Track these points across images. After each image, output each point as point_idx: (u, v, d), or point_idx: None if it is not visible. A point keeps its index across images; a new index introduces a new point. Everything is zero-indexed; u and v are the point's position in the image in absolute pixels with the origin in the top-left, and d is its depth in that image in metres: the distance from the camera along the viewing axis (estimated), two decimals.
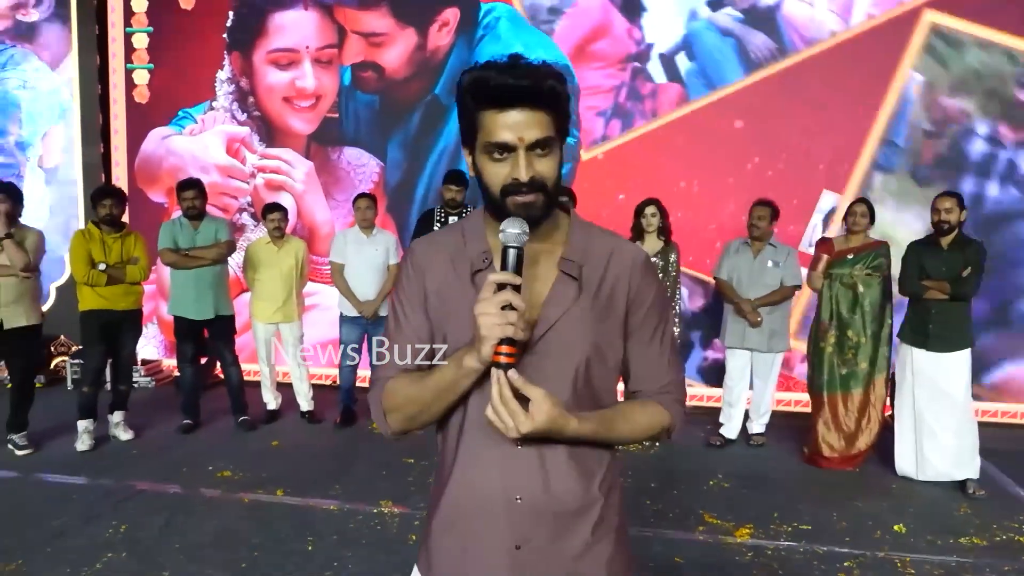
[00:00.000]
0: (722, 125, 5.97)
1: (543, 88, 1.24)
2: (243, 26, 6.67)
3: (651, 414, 1.41)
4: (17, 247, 4.74)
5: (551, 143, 1.28)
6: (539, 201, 1.29)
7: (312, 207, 6.71)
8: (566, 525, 1.35)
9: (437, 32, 6.35)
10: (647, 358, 1.42)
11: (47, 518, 3.94)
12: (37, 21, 6.86)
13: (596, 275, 1.38)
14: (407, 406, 1.37)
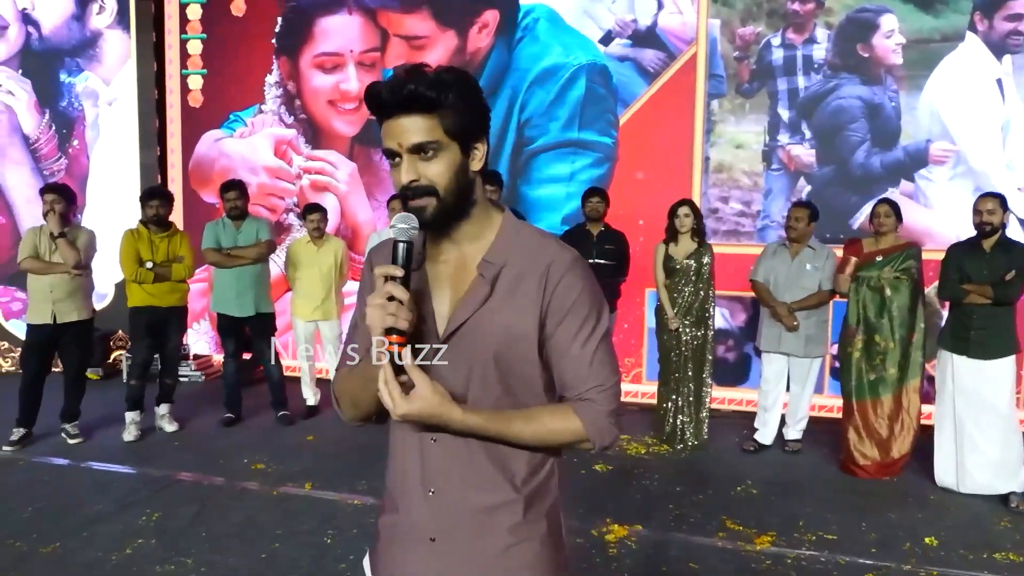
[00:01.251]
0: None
1: (403, 94, 1.27)
2: (290, 31, 6.85)
3: (559, 419, 1.37)
4: (70, 245, 4.97)
5: (436, 146, 1.30)
6: (429, 206, 1.32)
7: (355, 207, 6.84)
8: (481, 523, 1.37)
9: (477, 34, 6.41)
10: (567, 362, 1.38)
11: (87, 504, 4.14)
12: (101, 30, 7.17)
13: (514, 277, 1.37)
14: (347, 394, 1.43)
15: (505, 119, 6.38)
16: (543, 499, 1.42)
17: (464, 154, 1.35)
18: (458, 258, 1.40)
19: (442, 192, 1.32)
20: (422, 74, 1.29)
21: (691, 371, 5.24)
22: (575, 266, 1.39)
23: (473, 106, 1.34)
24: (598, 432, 1.38)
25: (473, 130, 1.35)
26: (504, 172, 6.40)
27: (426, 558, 1.38)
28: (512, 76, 6.35)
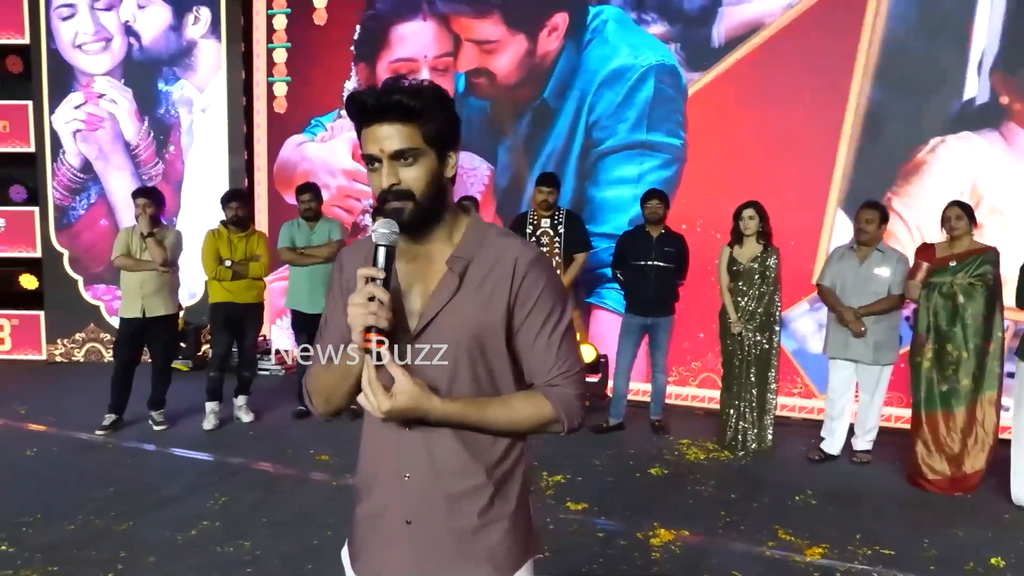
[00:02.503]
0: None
1: (390, 103, 1.36)
2: (368, 39, 7.09)
3: (533, 404, 1.46)
4: (158, 244, 5.31)
5: (416, 153, 1.39)
6: (406, 208, 1.41)
7: None
8: (452, 506, 1.45)
9: (547, 37, 6.46)
10: (534, 352, 1.47)
11: (162, 487, 4.43)
12: (196, 40, 7.60)
13: (481, 272, 1.46)
14: (321, 390, 1.53)
15: (573, 121, 6.42)
16: (511, 483, 1.51)
17: (440, 161, 1.44)
18: (427, 257, 1.49)
19: (419, 196, 1.41)
20: (403, 85, 1.38)
21: (754, 376, 5.14)
22: (539, 262, 1.48)
23: (448, 117, 1.44)
24: (568, 414, 1.47)
25: (448, 139, 1.45)
26: (571, 174, 6.44)
27: (402, 541, 1.48)
28: (581, 78, 6.37)
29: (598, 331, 6.44)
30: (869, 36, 5.57)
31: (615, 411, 5.65)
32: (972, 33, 5.32)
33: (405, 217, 1.42)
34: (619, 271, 5.63)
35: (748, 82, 5.89)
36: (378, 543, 1.51)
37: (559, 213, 5.67)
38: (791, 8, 5.72)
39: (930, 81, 5.46)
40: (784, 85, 5.80)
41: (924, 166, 5.51)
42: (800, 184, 5.82)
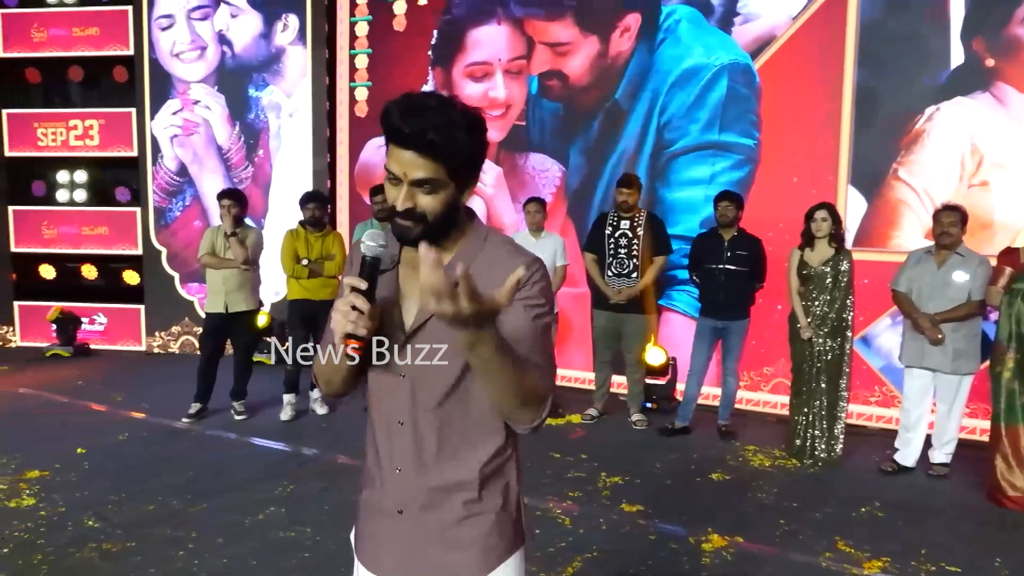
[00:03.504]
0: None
1: (425, 140, 1.39)
2: (445, 43, 7.26)
3: (539, 377, 1.45)
4: (240, 243, 5.61)
5: (436, 183, 1.43)
6: (416, 230, 1.46)
7: (500, 210, 7.13)
8: (440, 498, 1.53)
9: (619, 38, 6.46)
10: (514, 327, 1.47)
11: (237, 473, 4.68)
12: (284, 46, 7.96)
13: (477, 278, 1.49)
14: (321, 375, 1.62)
15: (645, 122, 6.39)
16: (499, 479, 1.56)
17: (459, 190, 1.48)
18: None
19: (431, 221, 1.46)
20: (437, 116, 1.39)
21: (825, 383, 5.00)
22: (532, 265, 1.52)
23: (477, 149, 1.47)
24: (545, 405, 1.47)
25: (472, 169, 1.48)
26: (643, 175, 6.42)
27: (394, 528, 1.57)
28: (653, 78, 6.34)
29: (668, 333, 6.40)
30: (855, 22, 5.69)
31: (683, 414, 5.61)
32: (949, 5, 5.47)
33: (411, 237, 1.47)
34: (694, 274, 5.58)
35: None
36: (374, 530, 1.61)
37: (639, 215, 5.66)
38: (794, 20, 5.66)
39: (917, 56, 5.58)
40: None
41: (923, 135, 5.62)
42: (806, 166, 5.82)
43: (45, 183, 8.45)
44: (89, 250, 8.39)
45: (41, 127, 8.27)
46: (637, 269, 5.61)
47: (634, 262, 5.60)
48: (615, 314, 5.66)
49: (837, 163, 5.81)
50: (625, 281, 5.63)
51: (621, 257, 5.62)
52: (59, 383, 6.89)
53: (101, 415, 5.97)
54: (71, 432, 5.41)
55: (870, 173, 5.71)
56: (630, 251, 5.60)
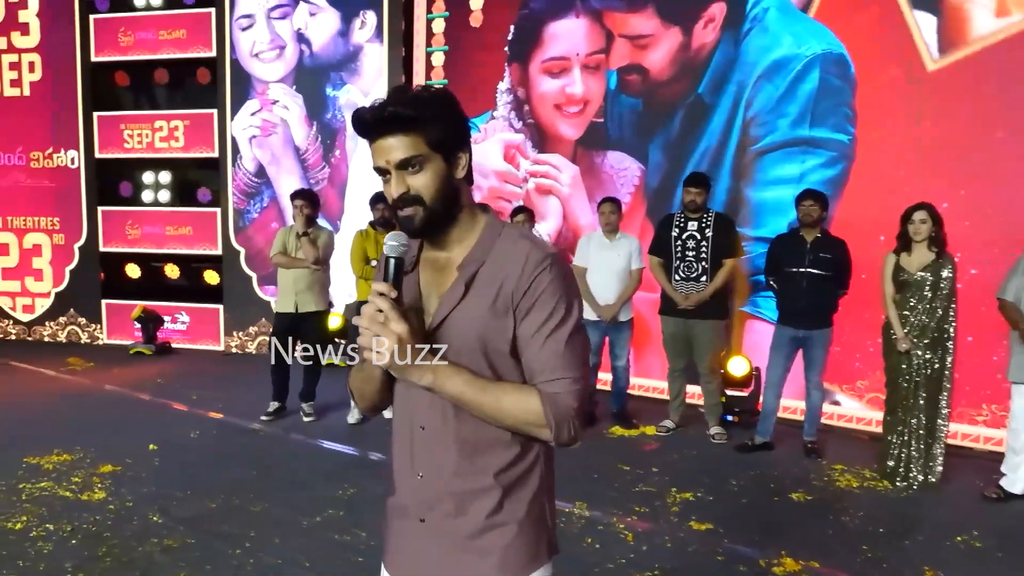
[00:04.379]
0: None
1: (385, 116, 1.47)
2: (522, 38, 7.32)
3: (522, 396, 1.49)
4: (311, 244, 5.80)
5: (420, 160, 1.50)
6: (418, 213, 1.52)
7: (576, 210, 7.13)
8: (459, 506, 1.55)
9: (702, 29, 6.37)
10: (531, 352, 1.52)
11: (300, 474, 4.85)
12: (362, 44, 8.19)
13: (490, 276, 1.54)
14: (355, 388, 1.70)
15: (729, 117, 6.28)
16: (523, 489, 1.58)
17: (448, 164, 1.54)
18: (445, 260, 1.60)
19: (428, 200, 1.52)
20: (401, 95, 1.50)
21: (923, 400, 4.79)
22: (545, 262, 1.53)
23: (452, 119, 1.53)
24: (558, 419, 1.49)
25: (455, 141, 1.54)
26: (727, 174, 6.30)
27: (416, 536, 1.60)
28: (738, 71, 6.22)
29: (753, 342, 6.25)
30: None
31: (763, 428, 5.47)
32: None
33: (417, 223, 1.53)
34: (772, 278, 5.45)
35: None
36: (399, 536, 1.65)
37: (708, 215, 5.57)
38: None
39: None
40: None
41: None
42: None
43: (132, 184, 8.97)
44: (172, 250, 8.85)
45: (128, 129, 8.77)
46: (707, 273, 5.51)
47: (703, 265, 5.51)
48: (684, 320, 5.58)
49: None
50: (694, 286, 5.54)
51: (689, 260, 5.54)
52: (140, 380, 7.29)
53: (176, 413, 6.29)
54: (146, 428, 5.72)
55: None
56: (698, 254, 5.51)
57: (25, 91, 8.99)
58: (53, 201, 9.07)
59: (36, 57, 8.90)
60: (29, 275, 9.27)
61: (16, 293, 9.33)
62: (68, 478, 4.67)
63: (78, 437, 5.43)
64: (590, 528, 4.09)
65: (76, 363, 7.99)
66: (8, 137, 9.08)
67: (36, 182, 9.09)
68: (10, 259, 9.29)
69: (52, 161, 9.00)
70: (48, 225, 9.13)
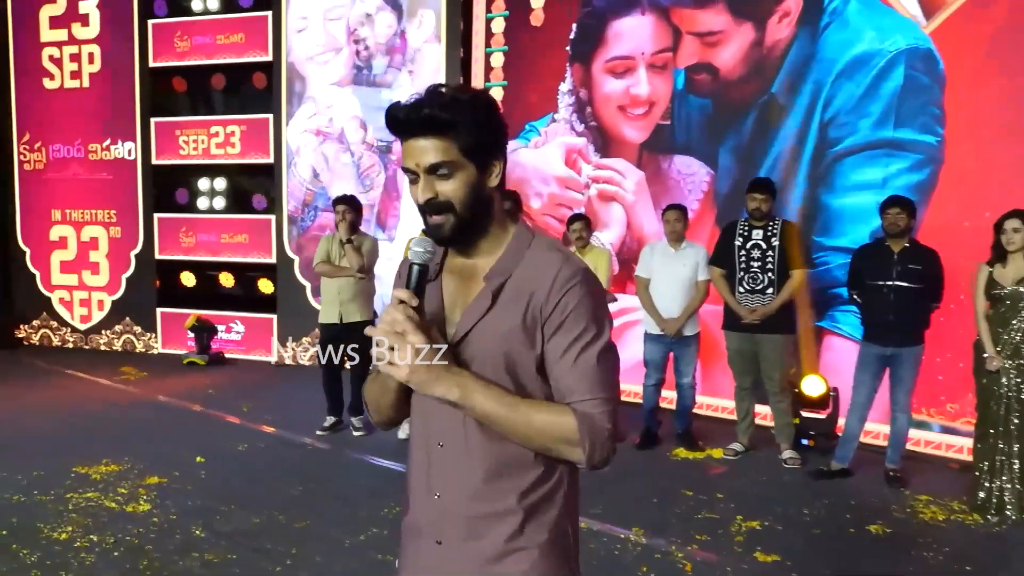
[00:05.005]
0: None
1: (419, 117, 1.47)
2: (584, 37, 7.32)
3: (555, 414, 1.49)
4: (355, 251, 5.90)
5: (451, 165, 1.50)
6: (447, 222, 1.53)
7: (641, 217, 7.08)
8: (479, 528, 1.55)
9: (777, 24, 6.27)
10: (561, 372, 1.52)
11: (346, 490, 4.93)
12: (419, 46, 8.30)
13: (518, 289, 1.54)
14: (370, 400, 1.72)
15: (806, 118, 6.16)
16: (546, 512, 1.57)
17: (480, 171, 1.54)
18: (471, 269, 1.61)
19: (459, 208, 1.53)
20: (438, 96, 1.50)
21: (1017, 425, 4.59)
22: (576, 278, 1.53)
23: (488, 125, 1.53)
24: (592, 439, 1.48)
25: (489, 148, 1.54)
26: (802, 179, 6.18)
27: (432, 559, 1.60)
28: (816, 68, 6.11)
29: (831, 360, 6.09)
30: None
31: (841, 454, 5.32)
32: None
33: (446, 231, 1.54)
34: (855, 292, 5.31)
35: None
36: (414, 559, 1.65)
37: (774, 223, 5.47)
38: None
39: None
40: None
41: None
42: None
43: (188, 191, 9.28)
44: (227, 258, 9.11)
45: (183, 135, 9.08)
46: (773, 284, 5.41)
47: (769, 276, 5.40)
48: (749, 335, 5.48)
49: None
50: (759, 298, 5.44)
51: (754, 271, 5.44)
52: (191, 391, 7.52)
53: (225, 425, 6.47)
54: (195, 440, 5.89)
55: None
56: (764, 264, 5.41)
57: (84, 83, 9.43)
58: (110, 194, 9.45)
59: (96, 48, 9.31)
60: (86, 268, 9.66)
61: (73, 287, 9.72)
62: (115, 489, 4.84)
63: (127, 447, 5.63)
64: (646, 556, 4.04)
65: (130, 372, 8.30)
66: (68, 129, 9.53)
67: (93, 174, 9.50)
68: (68, 252, 9.71)
69: (109, 153, 9.40)
70: (105, 218, 9.52)
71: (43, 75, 9.55)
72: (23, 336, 9.98)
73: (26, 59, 9.60)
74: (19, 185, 9.85)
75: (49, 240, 9.75)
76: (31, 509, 4.54)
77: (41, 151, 9.71)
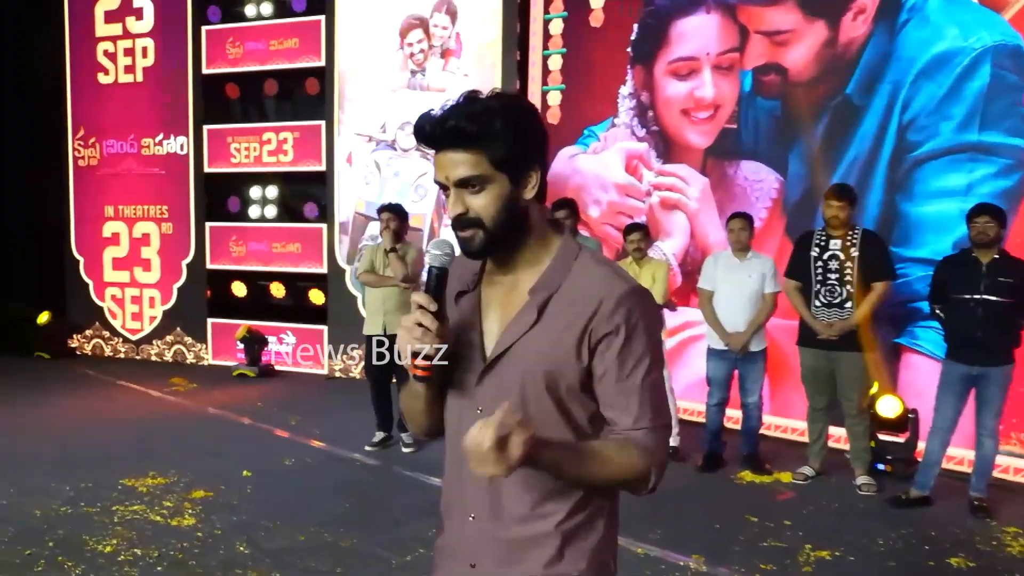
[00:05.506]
0: None
1: (445, 130, 1.47)
2: (646, 38, 7.29)
3: (626, 456, 1.50)
4: (400, 260, 5.95)
5: (481, 179, 1.49)
6: (476, 237, 1.52)
7: (705, 226, 7.00)
8: (515, 554, 1.55)
9: (851, 22, 6.16)
10: (615, 394, 1.51)
11: (394, 508, 4.97)
12: (474, 49, 8.37)
13: (564, 305, 1.52)
14: (405, 408, 1.74)
15: (883, 121, 6.04)
16: (585, 538, 1.56)
17: (514, 184, 1.53)
18: (512, 282, 1.60)
19: (489, 224, 1.52)
20: (468, 106, 1.49)
21: None
22: (628, 298, 1.51)
23: (522, 134, 1.51)
24: (657, 471, 1.52)
25: (523, 159, 1.53)
26: (879, 185, 6.06)
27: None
28: (893, 68, 5.99)
29: (909, 379, 5.93)
30: None
31: (921, 480, 5.16)
32: None
33: (475, 246, 1.54)
34: (938, 307, 5.16)
35: None
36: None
37: (854, 233, 5.35)
38: None
39: None
40: None
41: None
42: None
43: (240, 199, 9.49)
44: (278, 268, 9.28)
45: (235, 142, 9.30)
46: (851, 298, 5.28)
47: (847, 290, 5.27)
48: (826, 352, 5.36)
49: None
50: (836, 313, 5.31)
51: (831, 284, 5.32)
52: (241, 403, 7.67)
53: (273, 438, 6.58)
54: (242, 454, 6.01)
55: None
56: (842, 276, 5.28)
57: (138, 77, 9.74)
58: (162, 189, 9.73)
59: (150, 42, 9.61)
60: (138, 265, 9.95)
61: (125, 284, 10.00)
62: (160, 502, 4.96)
63: (174, 460, 5.76)
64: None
65: (180, 383, 8.50)
66: (122, 124, 9.84)
67: (146, 169, 9.79)
68: (120, 249, 10.01)
69: (162, 147, 9.67)
70: (157, 213, 9.79)
71: (98, 70, 9.89)
72: (76, 346, 10.32)
73: (81, 55, 9.97)
74: (73, 183, 10.20)
75: (102, 237, 10.05)
76: (78, 521, 4.67)
77: (95, 147, 10.05)
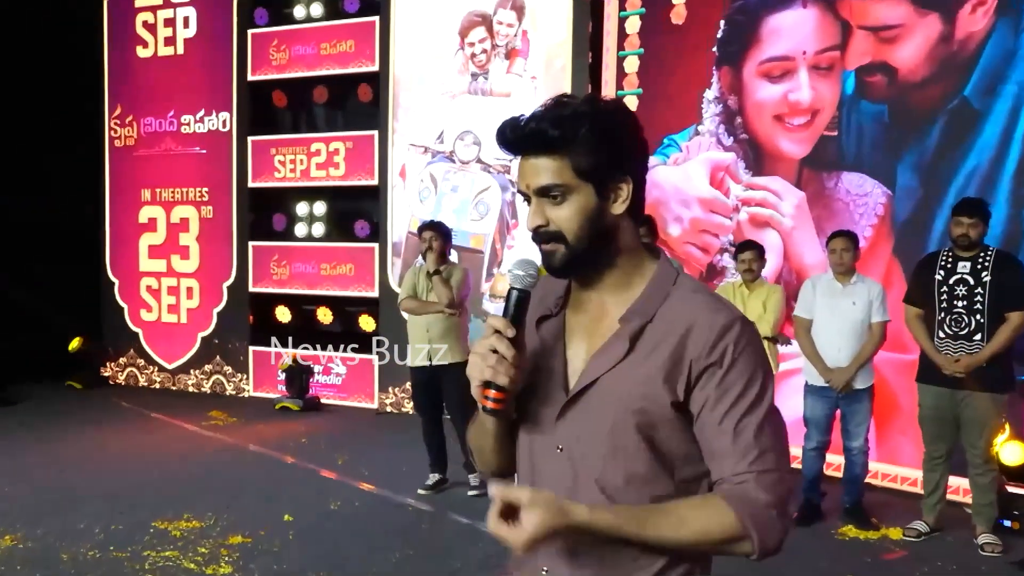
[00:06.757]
0: None
1: (525, 134, 1.48)
2: (734, 36, 7.24)
3: (707, 514, 1.46)
4: (444, 283, 5.95)
5: (563, 188, 1.50)
6: (558, 252, 1.53)
7: (801, 246, 6.89)
8: None
9: (969, 15, 6.05)
10: (716, 440, 1.48)
11: (451, 560, 4.97)
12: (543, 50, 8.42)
13: (659, 335, 1.51)
14: (473, 445, 1.76)
15: (1007, 127, 5.91)
16: None
17: (600, 196, 1.53)
18: (600, 308, 1.58)
19: (571, 239, 1.53)
20: (556, 109, 1.50)
21: None
22: (732, 329, 1.49)
23: (612, 141, 1.52)
24: (759, 527, 1.45)
25: (612, 169, 1.53)
26: (1003, 199, 5.93)
27: None
28: (1019, 67, 5.90)
29: None
30: None
31: None
32: None
33: (556, 263, 1.54)
34: None
35: None
36: None
37: (986, 254, 5.19)
38: None
39: None
40: None
41: None
42: None
43: (286, 216, 9.64)
44: (326, 291, 9.39)
45: (279, 154, 9.47)
46: (982, 329, 5.10)
47: (977, 319, 5.10)
48: (950, 391, 5.19)
49: None
50: (964, 345, 5.14)
51: (958, 312, 5.15)
52: (283, 440, 7.78)
53: (318, 478, 6.64)
54: (284, 495, 6.08)
55: None
56: (971, 304, 5.12)
57: (179, 49, 10.02)
58: (203, 169, 9.95)
59: (191, 11, 9.89)
60: (175, 253, 10.17)
61: (161, 273, 10.22)
62: (195, 548, 5.03)
63: (211, 501, 5.86)
64: None
65: (219, 417, 8.66)
66: (160, 100, 10.13)
67: (186, 148, 10.04)
68: (157, 235, 10.26)
69: (203, 125, 9.90)
70: (196, 196, 10.01)
71: (136, 43, 10.21)
72: (109, 375, 10.59)
73: (119, 28, 10.29)
74: (109, 169, 10.48)
75: (137, 223, 10.31)
76: (107, 566, 4.77)
77: (132, 125, 10.34)
